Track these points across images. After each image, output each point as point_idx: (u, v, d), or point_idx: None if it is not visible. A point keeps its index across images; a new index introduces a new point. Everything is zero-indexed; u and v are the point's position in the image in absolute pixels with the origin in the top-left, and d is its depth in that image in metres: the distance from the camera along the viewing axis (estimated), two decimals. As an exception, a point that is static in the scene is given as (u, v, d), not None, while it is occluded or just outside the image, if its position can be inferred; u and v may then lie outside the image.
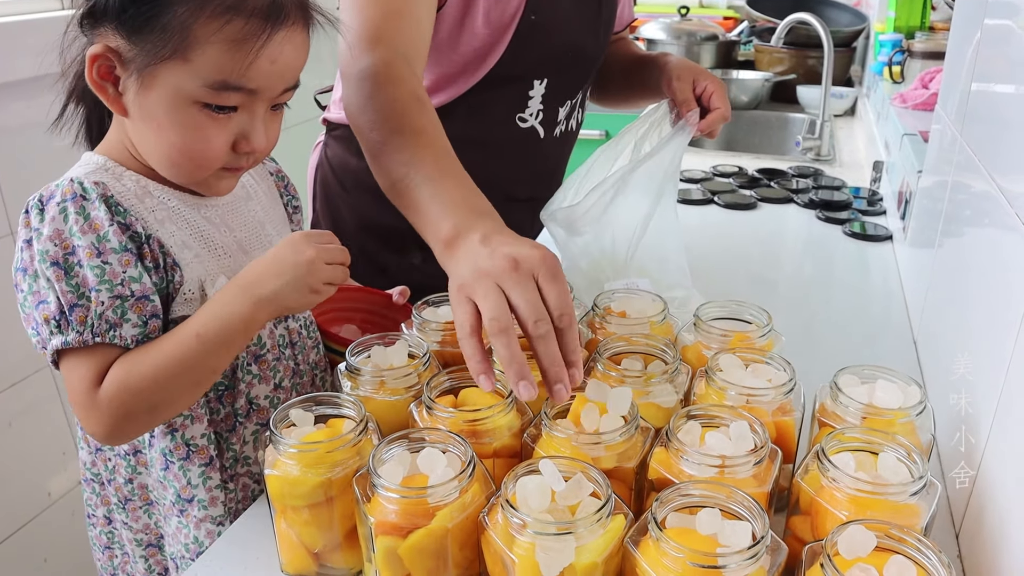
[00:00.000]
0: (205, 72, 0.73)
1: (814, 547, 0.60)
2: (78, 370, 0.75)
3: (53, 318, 0.74)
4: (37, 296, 0.75)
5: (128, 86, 0.75)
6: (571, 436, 0.70)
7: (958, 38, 1.23)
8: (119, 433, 0.77)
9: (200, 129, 0.76)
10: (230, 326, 0.76)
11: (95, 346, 0.74)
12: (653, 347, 0.86)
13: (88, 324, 0.73)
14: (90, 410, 0.75)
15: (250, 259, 0.86)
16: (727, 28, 3.32)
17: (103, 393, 0.74)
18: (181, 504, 0.86)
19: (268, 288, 0.76)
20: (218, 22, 0.72)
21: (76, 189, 0.75)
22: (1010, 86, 0.86)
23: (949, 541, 0.79)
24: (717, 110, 1.19)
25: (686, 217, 1.74)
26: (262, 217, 0.90)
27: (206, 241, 0.83)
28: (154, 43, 0.72)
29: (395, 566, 0.66)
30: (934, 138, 1.33)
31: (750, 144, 2.74)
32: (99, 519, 0.94)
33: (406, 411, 0.79)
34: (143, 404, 0.75)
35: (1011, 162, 0.80)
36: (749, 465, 0.67)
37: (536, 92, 1.19)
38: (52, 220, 0.74)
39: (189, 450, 0.84)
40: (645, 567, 0.59)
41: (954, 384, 0.90)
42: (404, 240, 1.27)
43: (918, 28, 2.49)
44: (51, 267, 0.73)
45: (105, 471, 0.89)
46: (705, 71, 1.26)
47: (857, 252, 1.58)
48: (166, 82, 0.74)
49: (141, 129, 0.77)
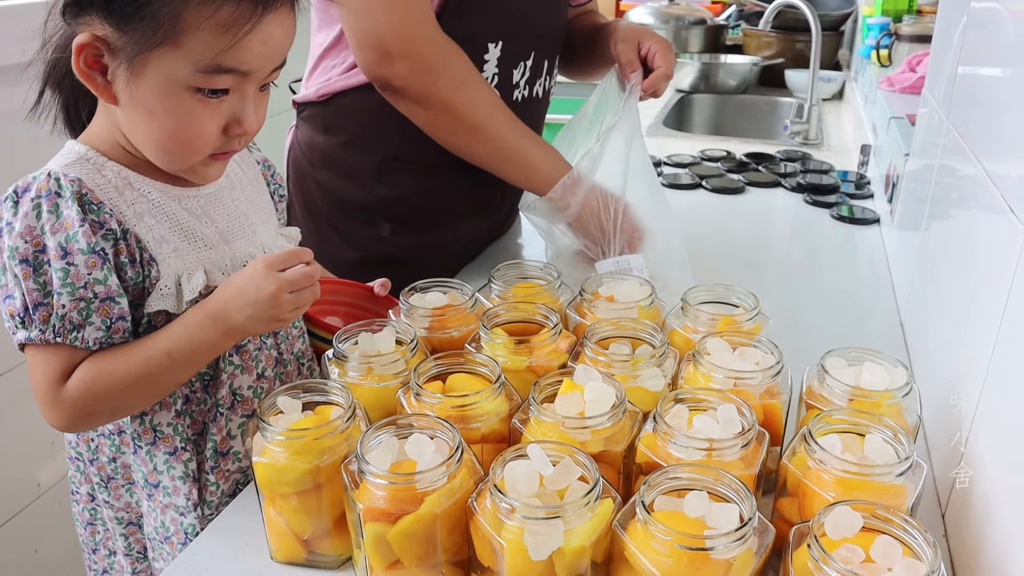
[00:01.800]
0: (196, 57, 0.73)
1: (801, 528, 0.60)
2: (40, 366, 0.77)
3: (17, 314, 0.75)
4: (4, 290, 0.75)
5: (117, 74, 0.74)
6: (559, 421, 0.70)
7: (945, 21, 1.23)
8: (76, 428, 0.82)
9: (192, 114, 0.75)
10: (198, 349, 0.79)
11: (55, 345, 0.75)
12: (641, 331, 0.86)
13: (50, 324, 0.74)
14: (51, 406, 0.77)
15: (233, 249, 0.86)
16: (715, 12, 3.31)
17: (67, 392, 0.76)
18: (148, 489, 0.88)
19: (233, 320, 0.78)
20: (209, 7, 0.71)
21: (52, 186, 0.75)
22: (996, 69, 0.86)
23: (935, 521, 0.80)
24: (659, 69, 1.23)
25: (674, 201, 1.74)
26: (246, 207, 0.89)
27: (186, 233, 0.82)
28: (144, 31, 0.71)
29: (384, 552, 0.66)
30: (921, 121, 1.33)
31: (738, 128, 2.74)
32: (83, 496, 0.94)
33: (394, 397, 0.79)
34: (105, 408, 0.79)
35: (997, 145, 0.80)
36: (736, 448, 0.67)
37: (491, 56, 1.20)
38: (25, 216, 0.74)
39: (156, 436, 0.85)
40: (633, 550, 0.59)
41: (940, 365, 0.91)
42: (372, 214, 1.28)
43: (905, 11, 2.49)
44: (20, 264, 0.73)
45: (88, 451, 0.89)
46: (651, 32, 1.27)
47: (845, 235, 1.58)
48: (157, 69, 0.73)
49: (132, 117, 0.77)
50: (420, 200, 1.31)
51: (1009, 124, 0.77)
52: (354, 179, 1.28)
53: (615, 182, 1.18)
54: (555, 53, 1.36)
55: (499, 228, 1.50)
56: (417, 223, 1.32)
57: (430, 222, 1.33)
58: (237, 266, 0.85)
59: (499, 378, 0.77)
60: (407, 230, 1.32)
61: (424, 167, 1.27)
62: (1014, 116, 0.75)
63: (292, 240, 0.96)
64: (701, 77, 2.79)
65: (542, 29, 1.29)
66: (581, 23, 1.43)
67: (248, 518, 0.80)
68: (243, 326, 0.79)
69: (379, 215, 1.30)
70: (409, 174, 1.28)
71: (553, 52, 1.35)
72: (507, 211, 1.49)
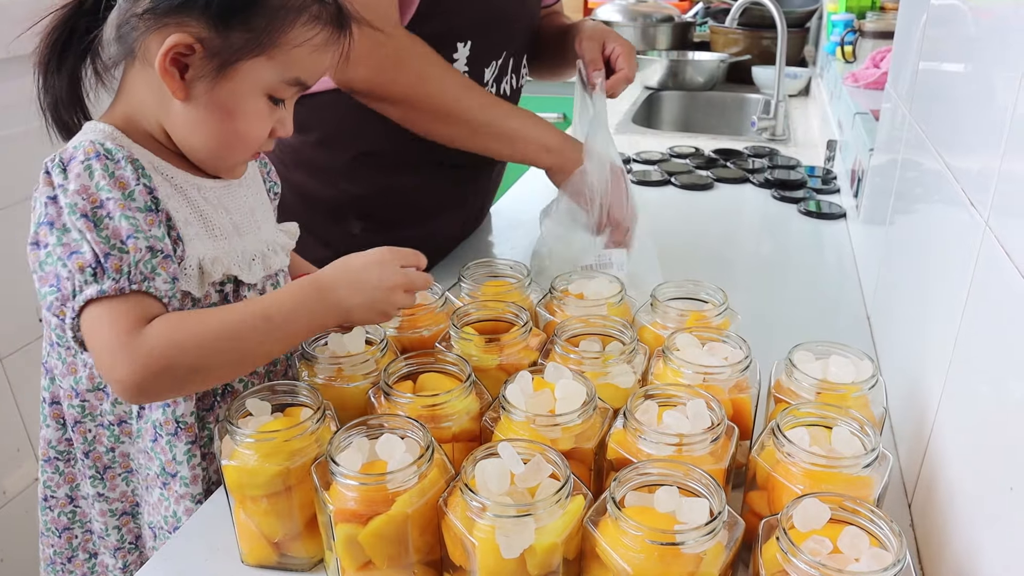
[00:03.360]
0: (283, 70, 0.77)
1: (770, 521, 0.61)
2: (110, 316, 0.72)
3: (89, 266, 0.71)
4: (68, 247, 0.72)
5: (203, 75, 0.75)
6: (529, 418, 0.70)
7: (906, 18, 1.25)
8: (147, 386, 0.72)
9: (260, 117, 0.79)
10: (298, 320, 0.77)
11: (130, 294, 0.73)
12: (611, 328, 0.87)
13: (124, 272, 0.72)
14: (122, 355, 0.71)
15: (244, 242, 0.85)
16: (682, 9, 3.33)
17: (145, 341, 0.71)
18: (165, 477, 0.86)
19: (344, 299, 0.78)
20: (313, 28, 0.77)
21: (98, 148, 0.74)
22: (956, 65, 0.87)
23: (902, 511, 0.81)
24: (621, 71, 1.25)
25: (643, 198, 1.75)
26: (252, 203, 0.90)
27: (205, 221, 0.82)
28: (247, 39, 0.74)
29: (356, 553, 0.66)
30: (885, 117, 1.35)
31: (706, 125, 2.76)
32: (59, 500, 0.92)
33: (364, 398, 0.79)
34: (185, 362, 0.73)
35: (958, 140, 0.81)
36: (706, 443, 0.68)
37: (461, 55, 1.21)
38: (77, 176, 0.73)
39: (178, 427, 0.83)
40: (605, 547, 0.59)
41: (905, 357, 0.92)
42: (342, 212, 1.28)
43: (869, 8, 2.52)
44: (81, 219, 0.72)
45: (83, 443, 0.87)
46: (616, 35, 1.29)
47: (812, 230, 1.60)
48: (248, 75, 0.76)
49: (199, 114, 0.77)
50: (390, 198, 1.31)
51: (969, 119, 0.78)
52: (325, 177, 1.28)
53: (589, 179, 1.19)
54: (524, 52, 1.36)
55: (471, 224, 1.51)
56: (387, 220, 1.33)
57: (400, 219, 1.33)
58: (248, 259, 0.85)
59: (469, 377, 0.77)
60: (377, 227, 1.32)
61: (394, 165, 1.28)
62: (974, 111, 0.76)
63: (292, 236, 0.96)
64: (669, 74, 2.81)
65: (513, 28, 1.30)
66: (548, 23, 1.44)
67: (218, 522, 0.79)
68: (351, 310, 0.78)
69: (349, 213, 1.30)
70: (379, 172, 1.28)
71: (522, 51, 1.35)
72: (478, 209, 1.49)
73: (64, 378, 0.85)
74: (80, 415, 0.86)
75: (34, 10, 0.77)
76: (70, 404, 0.85)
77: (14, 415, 1.65)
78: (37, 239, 0.74)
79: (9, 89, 1.25)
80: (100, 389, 0.85)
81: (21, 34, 0.78)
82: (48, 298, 0.74)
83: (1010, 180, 0.62)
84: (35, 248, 0.75)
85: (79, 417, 0.86)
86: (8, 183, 1.58)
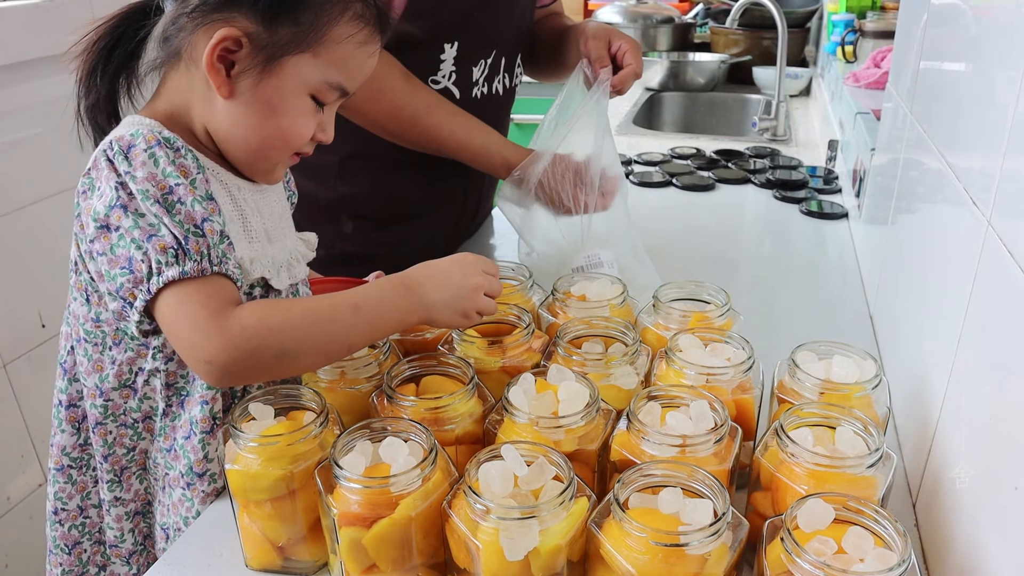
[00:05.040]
0: (328, 69, 0.78)
1: (775, 521, 0.61)
2: (196, 298, 0.72)
3: (170, 247, 0.71)
4: (146, 231, 0.71)
5: (249, 70, 0.75)
6: (533, 421, 0.70)
7: (907, 17, 1.25)
8: (236, 367, 0.72)
9: (305, 117, 0.80)
10: (386, 313, 0.77)
11: (212, 276, 0.72)
12: (613, 330, 0.87)
13: (205, 254, 0.72)
14: (213, 335, 0.71)
15: (275, 248, 0.85)
16: (683, 11, 3.33)
17: (236, 319, 0.71)
18: (190, 476, 0.84)
19: (428, 295, 0.79)
20: (357, 24, 0.78)
21: (158, 136, 0.74)
22: (957, 64, 0.87)
23: (906, 511, 0.80)
24: (629, 67, 1.25)
25: (645, 199, 1.75)
26: (280, 210, 0.90)
27: (244, 222, 0.82)
28: (294, 34, 0.75)
29: (360, 557, 0.66)
30: (886, 116, 1.35)
31: (707, 126, 2.76)
32: (70, 512, 0.91)
33: (367, 401, 0.79)
34: (275, 343, 0.72)
35: (960, 139, 0.81)
36: (710, 444, 0.68)
37: (448, 55, 1.22)
38: (143, 164, 0.72)
39: (214, 424, 0.82)
40: (609, 548, 0.59)
41: (908, 357, 0.92)
42: (335, 211, 1.30)
43: (869, 8, 2.52)
44: (155, 204, 0.72)
45: (103, 446, 0.86)
46: (620, 32, 1.30)
47: (814, 230, 1.60)
48: (294, 72, 0.77)
49: (243, 111, 0.77)
50: (380, 196, 1.32)
51: (970, 118, 0.78)
52: (317, 177, 1.29)
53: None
54: (516, 52, 1.36)
55: (466, 224, 1.51)
56: (378, 219, 1.34)
57: (391, 218, 1.35)
58: (277, 266, 0.84)
59: (472, 379, 0.77)
60: (369, 226, 1.34)
61: (383, 163, 1.29)
62: (975, 110, 0.76)
63: (310, 245, 0.96)
64: (670, 75, 2.81)
65: (500, 29, 1.30)
66: (548, 25, 1.44)
67: (222, 526, 0.79)
68: (434, 306, 0.79)
69: (341, 212, 1.32)
70: (369, 171, 1.30)
71: (514, 50, 1.35)
72: (473, 206, 1.49)
73: (89, 376, 0.84)
74: (102, 415, 0.85)
75: (33, 15, 0.77)
76: (92, 404, 0.84)
77: (18, 421, 1.65)
78: (107, 222, 0.72)
79: (9, 96, 1.25)
80: (127, 386, 0.83)
81: (74, 44, 0.79)
82: (119, 279, 0.72)
83: (1012, 179, 0.62)
84: (105, 231, 0.73)
85: (100, 418, 0.85)
86: (7, 189, 1.58)
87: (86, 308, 0.81)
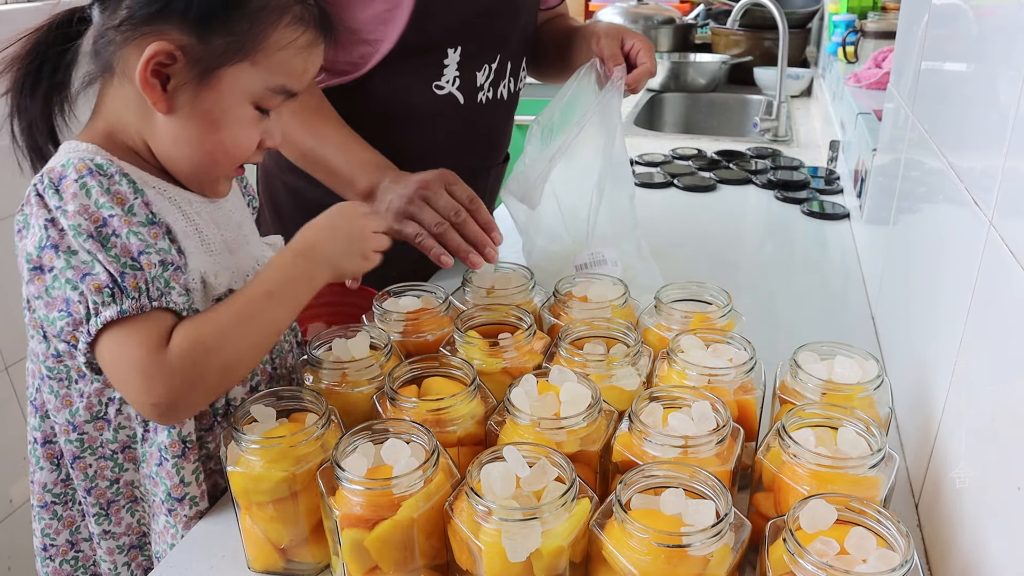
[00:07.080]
0: (269, 76, 0.76)
1: (777, 522, 0.61)
2: (135, 338, 0.70)
3: (105, 287, 0.69)
4: (79, 270, 0.70)
5: (185, 84, 0.73)
6: (534, 422, 0.70)
7: (908, 17, 1.25)
8: (184, 400, 0.72)
9: (247, 127, 0.78)
10: (297, 288, 0.78)
11: (151, 312, 0.71)
12: (615, 331, 0.87)
13: (142, 289, 0.70)
14: (156, 376, 0.70)
15: (237, 258, 0.84)
16: (684, 11, 3.33)
17: (173, 354, 0.70)
18: (170, 503, 0.82)
19: (325, 253, 0.80)
20: (296, 30, 0.76)
21: (89, 165, 0.71)
22: (959, 64, 0.87)
23: (908, 511, 0.80)
24: (643, 65, 1.25)
25: (646, 200, 1.75)
26: (239, 218, 0.89)
27: (200, 235, 0.80)
28: (228, 44, 0.73)
29: (362, 558, 0.66)
30: (887, 117, 1.35)
31: (709, 126, 2.76)
32: (60, 547, 0.90)
33: (369, 403, 0.79)
34: (216, 363, 0.72)
35: (961, 139, 0.81)
36: (712, 444, 0.68)
37: (451, 60, 1.22)
38: (74, 196, 0.70)
39: (185, 447, 0.80)
40: (611, 549, 0.59)
41: (911, 357, 0.92)
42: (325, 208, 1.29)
43: (870, 8, 2.52)
44: (87, 240, 0.69)
45: (84, 480, 0.84)
46: (633, 31, 1.30)
47: (815, 231, 1.60)
48: (232, 82, 0.74)
49: (184, 126, 0.75)
50: None
51: (972, 118, 0.78)
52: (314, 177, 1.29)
53: (593, 174, 1.18)
54: (521, 55, 1.36)
55: None
56: None
57: None
58: (242, 275, 0.84)
59: (474, 381, 0.77)
60: None
61: None
62: (977, 110, 0.76)
63: (275, 248, 0.95)
64: (671, 76, 2.81)
65: (504, 33, 1.30)
66: (553, 26, 1.44)
67: (224, 528, 0.79)
68: (334, 258, 0.81)
69: None
70: None
71: (519, 55, 1.35)
72: None
73: (59, 412, 0.82)
74: (79, 450, 0.83)
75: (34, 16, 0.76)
76: (67, 439, 0.82)
77: (19, 423, 1.65)
78: (40, 263, 0.71)
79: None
80: (100, 418, 0.81)
81: None
82: (58, 323, 0.71)
83: (1014, 179, 0.62)
84: (38, 273, 0.71)
85: (78, 452, 0.83)
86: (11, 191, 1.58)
87: (44, 345, 0.80)
